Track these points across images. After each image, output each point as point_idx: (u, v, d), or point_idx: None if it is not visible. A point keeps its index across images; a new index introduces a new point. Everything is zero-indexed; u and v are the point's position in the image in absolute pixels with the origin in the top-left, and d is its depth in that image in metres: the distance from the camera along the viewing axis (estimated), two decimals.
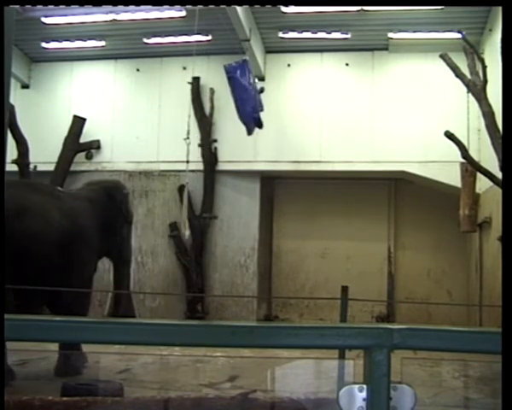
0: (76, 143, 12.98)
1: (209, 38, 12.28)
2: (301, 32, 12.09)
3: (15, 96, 12.90)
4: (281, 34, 12.23)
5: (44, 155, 12.68)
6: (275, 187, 14.12)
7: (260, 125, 10.90)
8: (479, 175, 9.89)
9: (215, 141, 12.93)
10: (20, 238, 6.65)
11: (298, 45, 12.66)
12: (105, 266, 9.81)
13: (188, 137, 10.63)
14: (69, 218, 7.34)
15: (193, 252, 12.73)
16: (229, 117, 12.06)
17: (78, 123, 12.93)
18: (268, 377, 5.67)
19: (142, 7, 11.20)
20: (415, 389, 1.31)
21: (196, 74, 12.72)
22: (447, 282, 13.24)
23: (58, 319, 1.37)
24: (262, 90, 11.32)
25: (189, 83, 12.50)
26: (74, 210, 7.51)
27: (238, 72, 10.67)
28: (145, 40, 12.71)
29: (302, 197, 13.74)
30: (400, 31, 11.79)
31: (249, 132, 11.01)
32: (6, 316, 1.28)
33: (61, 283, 6.94)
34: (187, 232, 11.04)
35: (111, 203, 7.93)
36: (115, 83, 13.64)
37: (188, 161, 10.63)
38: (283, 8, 11.34)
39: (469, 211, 10.71)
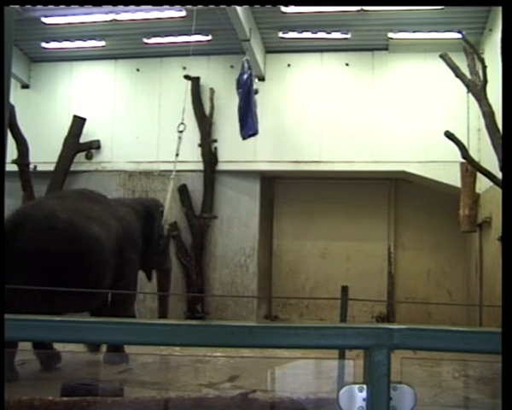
0: (76, 143, 12.97)
1: (209, 38, 12.27)
2: (301, 32, 12.08)
3: (15, 96, 12.90)
4: (281, 34, 12.22)
5: (44, 155, 12.68)
6: (275, 187, 14.11)
7: (256, 134, 11.23)
8: (479, 175, 9.88)
9: (215, 141, 12.92)
10: (87, 245, 7.27)
11: (298, 45, 12.66)
12: None
13: (181, 131, 10.44)
14: (121, 224, 7.96)
15: (193, 252, 12.74)
16: (229, 117, 12.06)
17: (78, 123, 12.93)
18: (268, 377, 5.67)
19: (142, 7, 11.20)
20: (415, 389, 1.31)
21: (196, 74, 12.74)
22: (447, 282, 13.24)
23: (58, 319, 1.37)
24: (257, 92, 11.40)
25: (185, 77, 12.33)
26: (125, 217, 8.13)
27: (247, 84, 10.98)
28: (145, 40, 12.70)
29: (302, 197, 13.73)
30: (400, 31, 11.78)
31: (243, 138, 11.24)
32: (6, 316, 1.28)
33: (115, 286, 7.55)
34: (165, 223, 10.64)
35: (150, 219, 8.61)
36: (115, 83, 13.64)
37: (177, 154, 10.36)
38: (283, 8, 11.33)
39: (469, 211, 10.70)
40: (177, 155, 10.37)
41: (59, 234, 7.14)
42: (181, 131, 10.37)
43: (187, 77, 12.38)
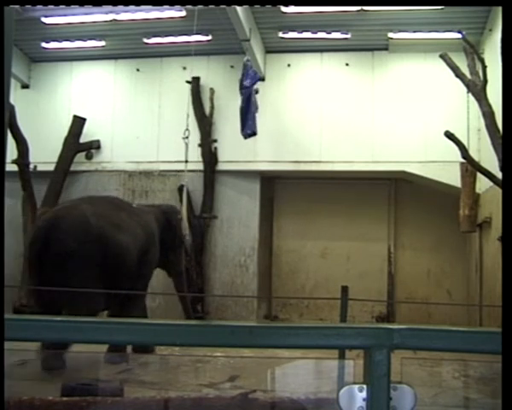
0: (76, 143, 12.97)
1: (209, 37, 12.27)
2: (301, 32, 12.08)
3: (15, 96, 12.90)
4: (281, 34, 12.22)
5: (44, 155, 12.68)
6: (275, 187, 14.11)
7: (255, 134, 11.30)
8: (479, 175, 9.88)
9: (215, 141, 12.92)
10: (117, 253, 7.87)
11: (298, 45, 12.66)
12: None
13: (187, 137, 10.75)
14: (145, 230, 8.52)
15: (193, 252, 12.73)
16: (229, 117, 12.08)
17: (78, 123, 12.93)
18: (268, 377, 5.67)
19: (142, 7, 11.20)
20: (415, 389, 1.31)
21: (196, 74, 12.74)
22: (447, 282, 13.24)
23: (58, 319, 1.37)
24: (257, 91, 11.41)
25: (187, 82, 12.45)
26: (147, 224, 8.70)
27: (251, 88, 11.06)
28: (145, 40, 12.70)
29: (302, 197, 13.73)
30: (400, 31, 11.78)
31: (244, 137, 11.28)
32: (6, 316, 1.28)
33: (133, 288, 8.19)
34: (187, 232, 11.08)
35: (168, 225, 9.22)
36: (115, 83, 13.63)
37: (186, 161, 10.72)
38: (283, 8, 11.33)
39: (469, 211, 10.70)
40: (186, 161, 10.77)
41: (91, 239, 7.67)
42: (186, 138, 10.75)
43: (189, 82, 12.45)
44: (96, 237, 7.69)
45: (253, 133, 11.20)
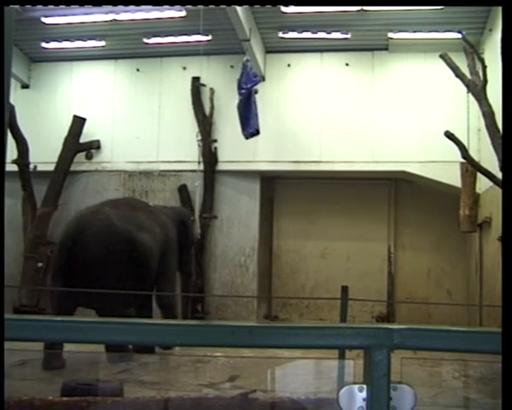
0: (76, 143, 12.97)
1: (209, 37, 12.27)
2: (301, 32, 12.08)
3: (15, 96, 12.90)
4: (281, 34, 12.22)
5: (44, 155, 12.68)
6: (275, 187, 14.11)
7: (258, 133, 11.29)
8: (479, 175, 9.88)
9: (215, 141, 12.92)
10: (142, 253, 8.23)
11: (298, 45, 12.66)
12: None
13: (200, 139, 11.63)
14: (164, 231, 8.86)
15: (193, 252, 12.73)
16: (229, 117, 12.07)
17: (78, 123, 12.92)
18: (268, 377, 5.67)
19: (142, 7, 11.19)
20: (415, 389, 1.31)
21: (196, 74, 12.75)
22: (447, 282, 13.23)
23: (58, 319, 1.37)
24: (256, 91, 11.39)
25: (197, 84, 12.61)
26: (165, 224, 9.02)
27: (250, 88, 11.05)
28: (145, 40, 12.70)
29: (302, 197, 13.73)
30: (400, 31, 11.78)
31: (246, 137, 11.26)
32: (6, 316, 1.28)
33: (159, 287, 8.76)
34: (198, 231, 11.44)
35: (182, 226, 9.54)
36: (115, 83, 13.63)
37: (199, 162, 11.44)
38: (283, 8, 11.33)
39: (469, 211, 10.70)
40: (199, 162, 11.44)
41: (117, 241, 8.01)
42: (200, 140, 11.56)
43: (201, 84, 12.62)
44: (122, 239, 8.05)
45: (257, 132, 11.10)
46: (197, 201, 11.93)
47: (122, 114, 13.44)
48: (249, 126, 11.04)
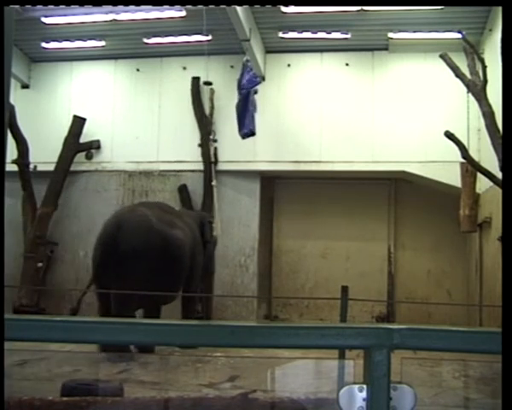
0: (76, 143, 12.97)
1: (209, 37, 12.26)
2: (301, 32, 12.08)
3: (15, 96, 12.89)
4: (281, 34, 12.22)
5: (44, 155, 12.68)
6: (275, 187, 14.11)
7: (252, 134, 11.37)
8: (479, 175, 9.88)
9: (215, 141, 12.92)
10: (177, 250, 8.72)
11: (298, 45, 12.66)
12: None
13: (215, 140, 12.29)
14: (191, 232, 9.34)
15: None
16: (229, 117, 12.06)
17: (78, 123, 12.93)
18: (268, 377, 5.66)
19: (142, 7, 11.19)
20: (415, 389, 1.31)
21: (196, 74, 12.75)
22: (447, 282, 13.23)
23: (58, 319, 1.37)
24: (256, 91, 11.40)
25: (205, 83, 12.75)
26: (192, 227, 9.51)
27: (250, 88, 11.11)
28: (145, 40, 12.70)
29: (302, 197, 13.72)
30: (400, 31, 11.79)
31: (242, 137, 11.29)
32: (6, 316, 1.28)
33: (187, 286, 9.25)
34: (219, 232, 11.78)
35: (204, 228, 10.03)
36: (115, 83, 13.63)
37: (214, 162, 12.10)
38: (283, 8, 11.33)
39: (469, 211, 10.70)
40: (215, 162, 12.07)
41: (153, 238, 8.40)
42: (214, 140, 12.22)
43: (207, 83, 12.71)
44: (159, 236, 8.50)
45: (252, 133, 11.16)
46: (215, 201, 12.34)
47: (122, 114, 13.44)
48: (244, 127, 11.03)
